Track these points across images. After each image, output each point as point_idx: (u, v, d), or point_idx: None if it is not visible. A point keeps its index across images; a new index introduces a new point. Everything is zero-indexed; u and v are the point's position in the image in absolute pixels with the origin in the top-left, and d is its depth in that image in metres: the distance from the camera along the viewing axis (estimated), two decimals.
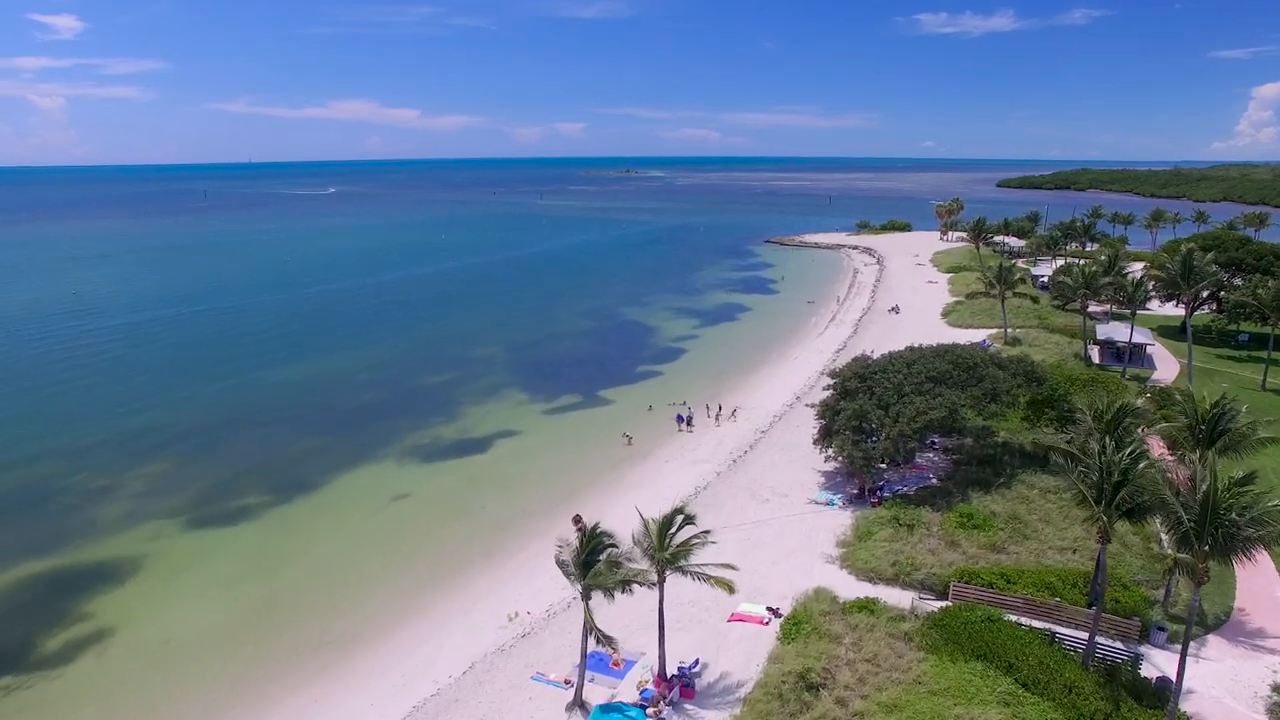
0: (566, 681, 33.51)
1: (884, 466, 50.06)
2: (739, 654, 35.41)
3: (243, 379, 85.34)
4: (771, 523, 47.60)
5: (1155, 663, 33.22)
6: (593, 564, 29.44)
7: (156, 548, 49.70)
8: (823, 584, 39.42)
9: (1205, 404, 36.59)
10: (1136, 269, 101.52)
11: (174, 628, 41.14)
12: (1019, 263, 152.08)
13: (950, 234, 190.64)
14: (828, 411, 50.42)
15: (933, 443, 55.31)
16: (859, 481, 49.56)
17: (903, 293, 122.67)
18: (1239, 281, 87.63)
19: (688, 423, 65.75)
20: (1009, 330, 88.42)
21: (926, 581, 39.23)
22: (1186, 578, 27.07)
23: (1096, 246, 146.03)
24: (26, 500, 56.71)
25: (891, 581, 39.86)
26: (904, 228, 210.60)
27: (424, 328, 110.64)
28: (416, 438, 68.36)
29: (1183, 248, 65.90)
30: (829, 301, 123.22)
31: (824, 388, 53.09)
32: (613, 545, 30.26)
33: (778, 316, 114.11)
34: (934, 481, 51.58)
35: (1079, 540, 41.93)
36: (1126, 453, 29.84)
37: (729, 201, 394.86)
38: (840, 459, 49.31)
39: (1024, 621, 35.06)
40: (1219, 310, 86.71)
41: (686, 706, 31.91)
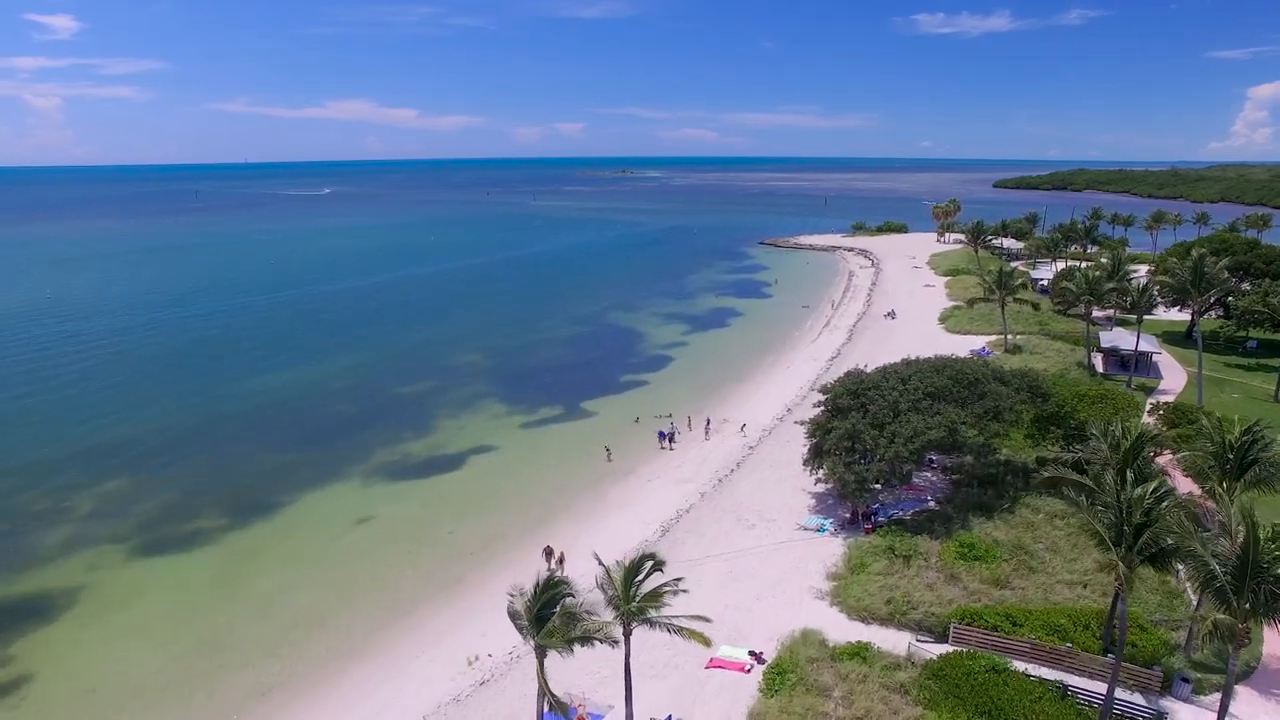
0: None
1: (879, 487, 46.67)
2: (717, 708, 31.98)
3: (213, 388, 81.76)
4: (757, 551, 44.16)
5: None
6: (547, 618, 25.98)
7: (94, 579, 46.16)
8: (811, 624, 36.06)
9: (1233, 430, 33.11)
10: (1141, 272, 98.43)
11: (101, 674, 37.60)
12: (1018, 265, 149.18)
13: (948, 235, 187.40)
14: (818, 430, 47.01)
15: (931, 461, 51.99)
16: (851, 505, 46.14)
17: (899, 297, 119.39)
18: (1247, 286, 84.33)
19: (669, 440, 62.13)
20: (1009, 337, 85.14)
21: (924, 622, 35.82)
22: (1223, 640, 23.69)
23: (1097, 249, 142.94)
24: None
25: (886, 621, 36.44)
26: (900, 229, 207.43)
27: (406, 333, 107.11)
28: (387, 453, 64.87)
29: (1193, 253, 62.50)
30: (823, 306, 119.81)
31: (815, 404, 49.67)
32: (570, 595, 26.80)
33: (770, 322, 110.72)
34: (932, 504, 48.20)
35: (1090, 574, 38.56)
36: (1149, 489, 26.43)
37: (725, 202, 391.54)
38: (831, 481, 45.88)
39: (1032, 671, 31.71)
40: (1227, 316, 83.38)
41: None
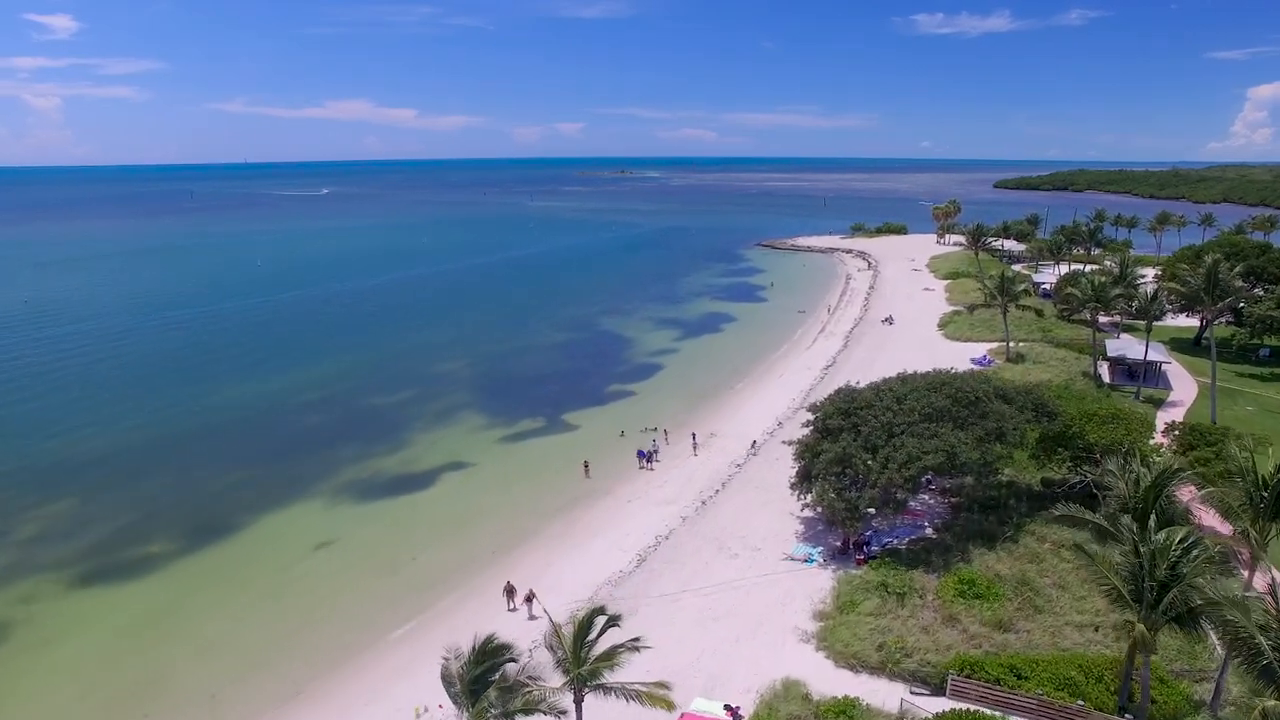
0: None
1: (871, 512, 43.30)
2: None
3: (183, 400, 78.32)
4: (739, 585, 40.79)
5: None
6: (484, 686, 22.65)
7: (27, 613, 42.80)
8: (795, 672, 32.67)
9: (1265, 454, 29.69)
10: (1148, 276, 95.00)
11: None
12: (1019, 268, 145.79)
13: (947, 237, 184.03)
14: (806, 453, 43.65)
15: (928, 482, 48.63)
16: (842, 533, 42.79)
17: (897, 301, 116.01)
18: (1260, 292, 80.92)
19: (649, 459, 58.65)
20: (1011, 344, 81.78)
21: (919, 672, 32.45)
22: None
23: (1100, 251, 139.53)
24: None
25: (877, 670, 33.06)
26: (900, 230, 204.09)
27: (389, 340, 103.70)
28: (356, 470, 61.51)
29: (1206, 259, 59.10)
30: (819, 311, 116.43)
31: (803, 423, 46.33)
32: (512, 659, 23.48)
33: (764, 327, 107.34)
34: (929, 531, 44.89)
35: (1102, 613, 35.15)
36: (1175, 538, 23.07)
37: (723, 203, 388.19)
38: (820, 509, 42.52)
39: None
40: (1238, 322, 79.96)
41: None
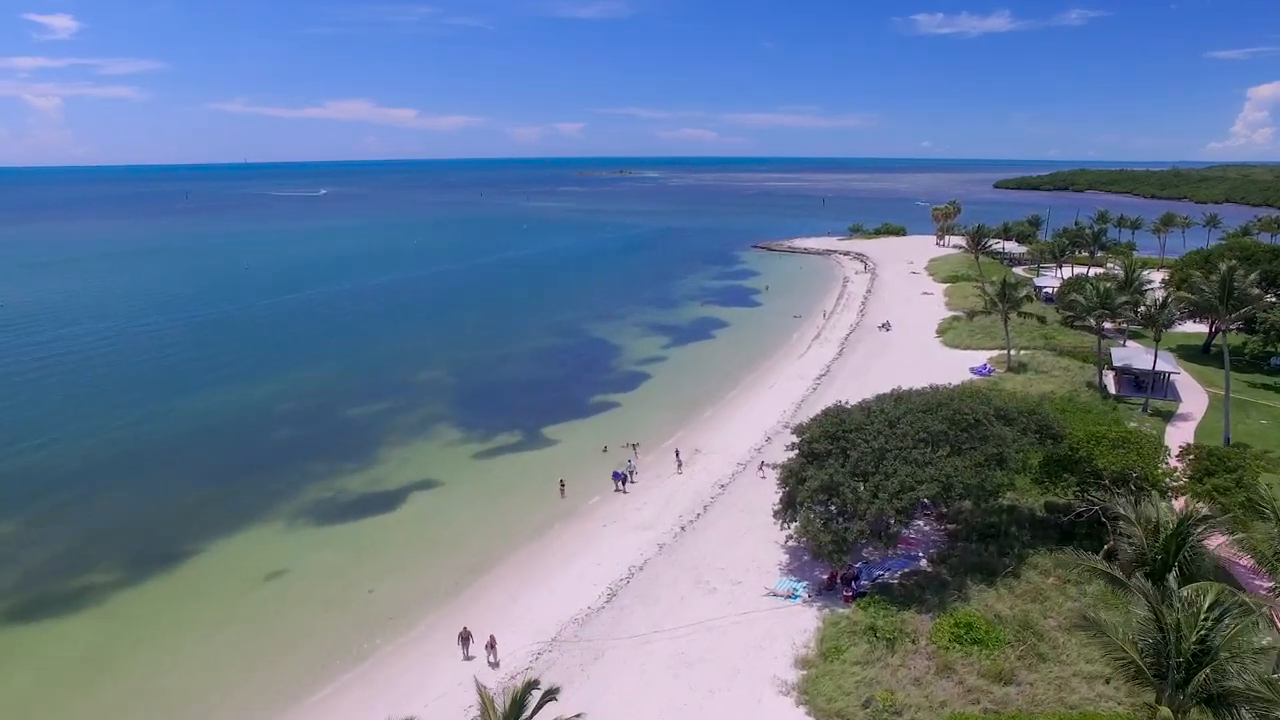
0: None
1: (863, 541, 39.92)
2: None
3: (144, 411, 74.91)
4: (717, 625, 37.41)
5: None
6: None
7: None
8: None
9: None
10: (1155, 280, 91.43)
11: None
12: (1020, 270, 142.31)
13: (947, 238, 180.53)
14: (791, 478, 40.25)
15: (923, 506, 45.24)
16: (829, 566, 39.40)
17: (895, 305, 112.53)
18: (1272, 299, 77.46)
19: (624, 482, 55.13)
20: (1012, 353, 78.36)
21: None
22: None
23: (1103, 253, 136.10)
24: None
25: None
26: (899, 232, 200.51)
27: (370, 346, 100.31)
28: (320, 489, 58.16)
29: (1221, 267, 55.68)
30: (815, 315, 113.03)
31: (787, 445, 42.93)
32: None
33: (757, 334, 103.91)
34: (924, 563, 41.50)
35: None
36: (1205, 605, 19.70)
37: (721, 203, 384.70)
38: (804, 541, 39.12)
39: None
40: (1249, 330, 76.52)
41: None
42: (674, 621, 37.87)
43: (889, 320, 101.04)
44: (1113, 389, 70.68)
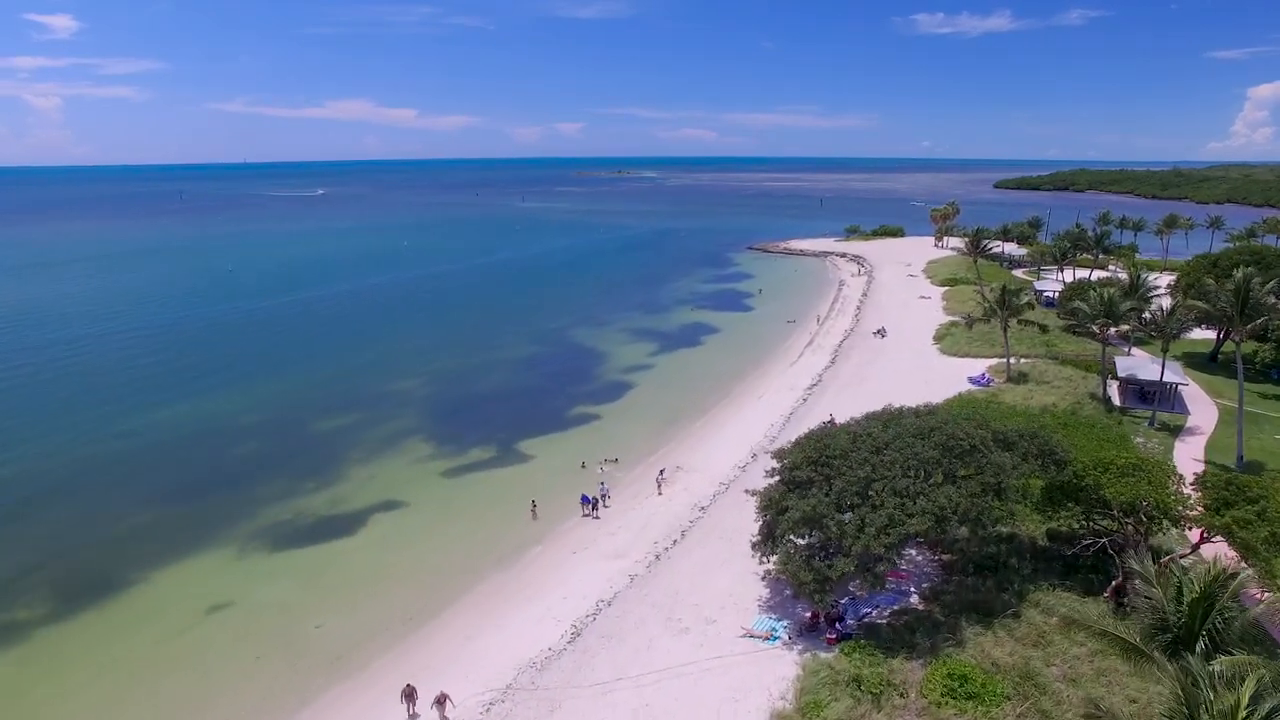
0: None
1: (849, 573, 36.54)
2: None
3: (100, 423, 71.39)
4: (687, 671, 34.01)
5: None
6: None
7: None
8: None
9: None
10: (1160, 283, 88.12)
11: None
12: (1020, 273, 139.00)
13: (945, 240, 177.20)
14: (770, 507, 36.91)
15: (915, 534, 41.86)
16: (813, 604, 36.04)
17: (891, 310, 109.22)
18: None
19: (594, 507, 51.68)
20: (1012, 360, 75.03)
21: None
22: None
23: (1105, 256, 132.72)
24: None
25: None
26: (896, 233, 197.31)
27: (345, 354, 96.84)
28: (278, 510, 54.80)
29: (1236, 274, 52.31)
30: (808, 321, 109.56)
31: (766, 471, 39.57)
32: None
33: (748, 340, 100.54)
34: (915, 600, 38.20)
35: None
36: (1248, 693, 16.36)
37: (718, 204, 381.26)
38: (785, 577, 35.73)
39: None
40: (1260, 339, 73.17)
41: None
42: (640, 667, 34.50)
43: (884, 326, 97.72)
44: (1117, 400, 67.41)
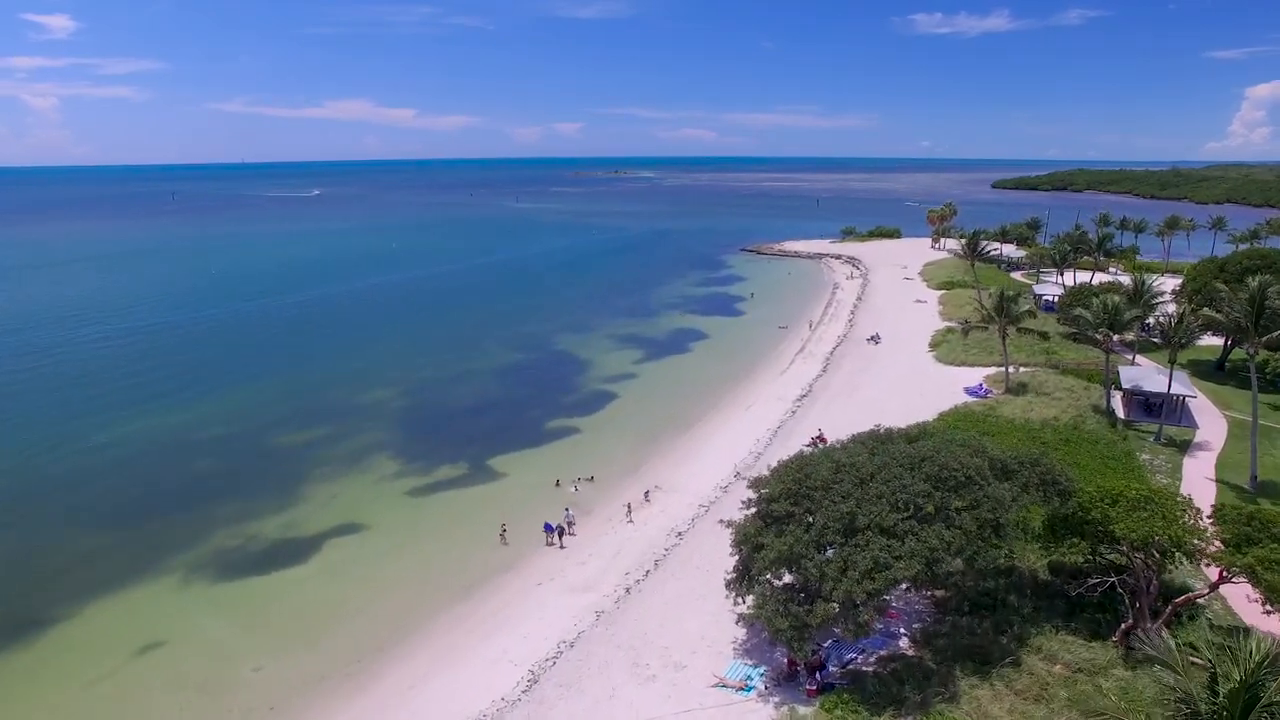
0: None
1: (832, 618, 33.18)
2: None
3: (55, 438, 67.74)
4: None
5: None
6: None
7: None
8: None
9: None
10: (1165, 288, 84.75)
11: None
12: (1019, 276, 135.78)
13: (942, 241, 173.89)
14: (744, 543, 33.55)
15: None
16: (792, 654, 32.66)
17: (886, 315, 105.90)
18: None
19: (559, 536, 48.23)
20: (1010, 369, 71.69)
21: None
22: None
23: (1106, 258, 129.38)
24: None
25: None
26: (892, 234, 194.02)
27: (318, 361, 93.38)
28: (228, 535, 51.38)
29: (1250, 283, 49.01)
30: (800, 326, 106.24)
31: (743, 501, 36.19)
32: None
33: (738, 347, 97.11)
34: (905, 643, 34.86)
35: None
36: None
37: (715, 204, 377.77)
38: (760, 622, 32.34)
39: None
40: (1271, 347, 69.67)
41: None
42: (601, 718, 31.19)
43: (878, 332, 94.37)
44: (1121, 413, 64.08)
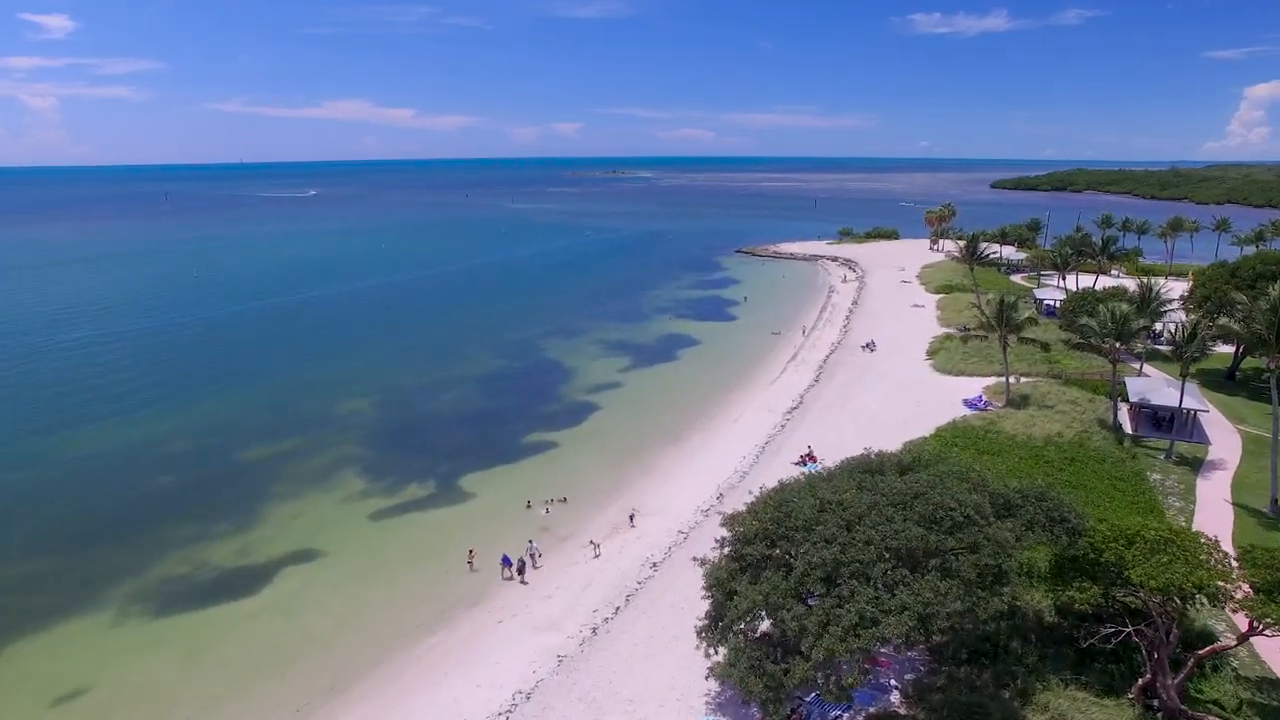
0: None
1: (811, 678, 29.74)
2: None
3: (10, 457, 64.45)
4: None
5: None
6: None
7: None
8: None
9: None
10: (1173, 293, 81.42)
11: None
12: (1019, 278, 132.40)
13: (941, 242, 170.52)
14: (716, 588, 30.15)
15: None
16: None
17: (882, 320, 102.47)
18: None
19: (519, 570, 44.62)
20: (1011, 380, 68.31)
21: None
22: None
23: (1108, 261, 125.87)
24: None
25: None
26: (890, 235, 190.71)
27: (295, 369, 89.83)
28: (176, 562, 48.05)
29: (1273, 291, 45.55)
30: (794, 332, 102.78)
31: (716, 540, 32.73)
32: None
33: (728, 354, 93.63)
34: (895, 697, 31.47)
35: None
36: None
37: (712, 205, 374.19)
38: (733, 679, 28.88)
39: None
40: None
41: None
42: None
43: (874, 339, 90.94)
44: (1128, 427, 60.70)
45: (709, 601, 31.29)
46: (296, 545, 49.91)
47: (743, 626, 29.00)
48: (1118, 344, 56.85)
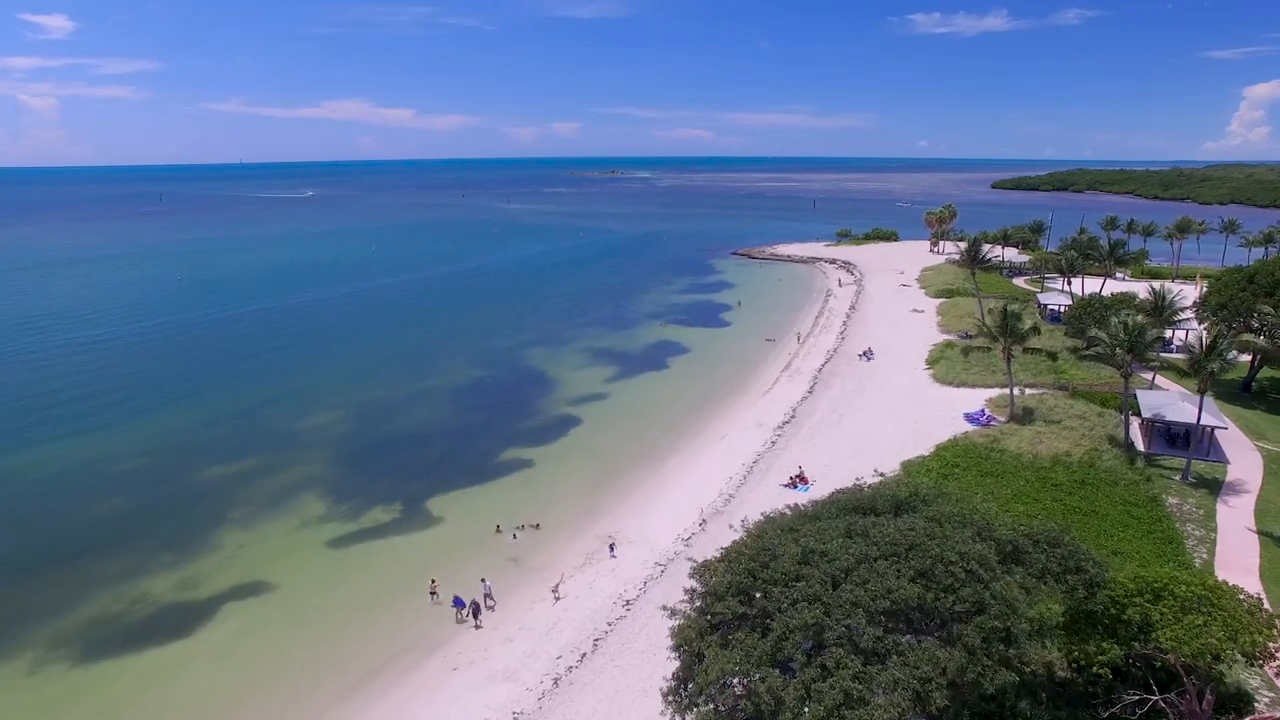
0: None
1: None
2: None
3: None
4: None
5: None
6: None
7: None
8: None
9: None
10: (1186, 300, 77.41)
11: None
12: (1022, 282, 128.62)
13: (941, 244, 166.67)
14: (684, 649, 26.29)
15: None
16: None
17: (880, 327, 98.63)
18: None
19: (474, 614, 40.49)
20: (1015, 392, 64.46)
21: None
22: None
23: (1112, 263, 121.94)
24: None
25: None
26: (889, 237, 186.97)
27: (266, 380, 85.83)
28: (110, 598, 44.25)
29: None
30: (788, 339, 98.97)
31: (685, 591, 28.94)
32: None
33: (720, 362, 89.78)
34: None
35: None
36: None
37: (709, 205, 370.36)
38: None
39: None
40: None
41: None
42: None
43: (871, 347, 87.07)
44: (1141, 444, 56.83)
45: (678, 658, 27.40)
46: (243, 578, 46.12)
47: (713, 692, 25.11)
48: (1131, 357, 52.92)
